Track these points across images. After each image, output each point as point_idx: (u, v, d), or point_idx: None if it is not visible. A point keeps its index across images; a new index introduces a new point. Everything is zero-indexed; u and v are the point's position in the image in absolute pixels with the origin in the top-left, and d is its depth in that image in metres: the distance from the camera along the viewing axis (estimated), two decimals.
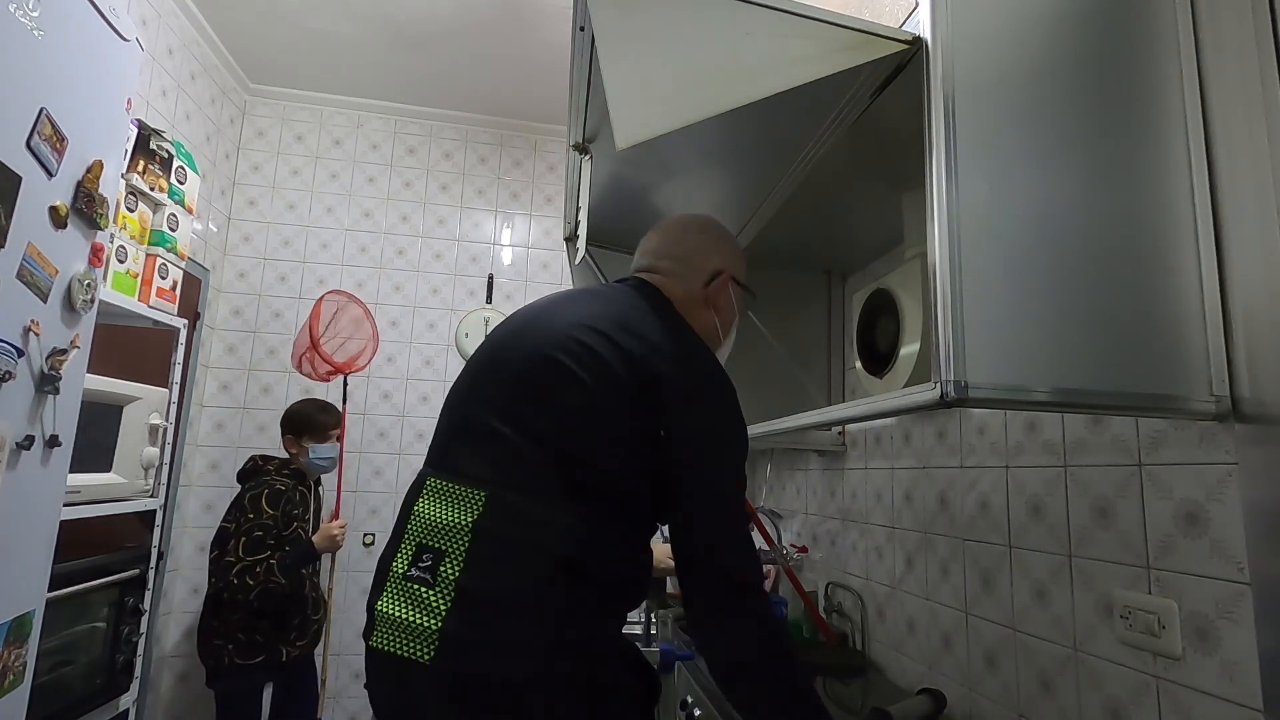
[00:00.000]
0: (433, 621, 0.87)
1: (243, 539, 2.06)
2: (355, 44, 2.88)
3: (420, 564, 0.91)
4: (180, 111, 2.67)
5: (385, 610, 0.91)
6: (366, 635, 0.94)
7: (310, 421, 2.32)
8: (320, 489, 2.49)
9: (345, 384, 2.74)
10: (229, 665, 2.05)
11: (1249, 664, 0.84)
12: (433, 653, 0.86)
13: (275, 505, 2.14)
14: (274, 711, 2.23)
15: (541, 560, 0.89)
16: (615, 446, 0.94)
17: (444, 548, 0.91)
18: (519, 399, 0.97)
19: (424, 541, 0.93)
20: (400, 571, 0.93)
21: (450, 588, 0.88)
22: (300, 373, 2.67)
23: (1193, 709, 0.91)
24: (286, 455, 2.34)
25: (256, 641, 2.09)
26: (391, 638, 0.89)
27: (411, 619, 0.88)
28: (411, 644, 0.87)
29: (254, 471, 2.27)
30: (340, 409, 2.51)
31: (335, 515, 2.47)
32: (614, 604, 0.97)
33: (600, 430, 0.94)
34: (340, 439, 2.41)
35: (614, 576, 0.95)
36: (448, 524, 0.92)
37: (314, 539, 2.21)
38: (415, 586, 0.90)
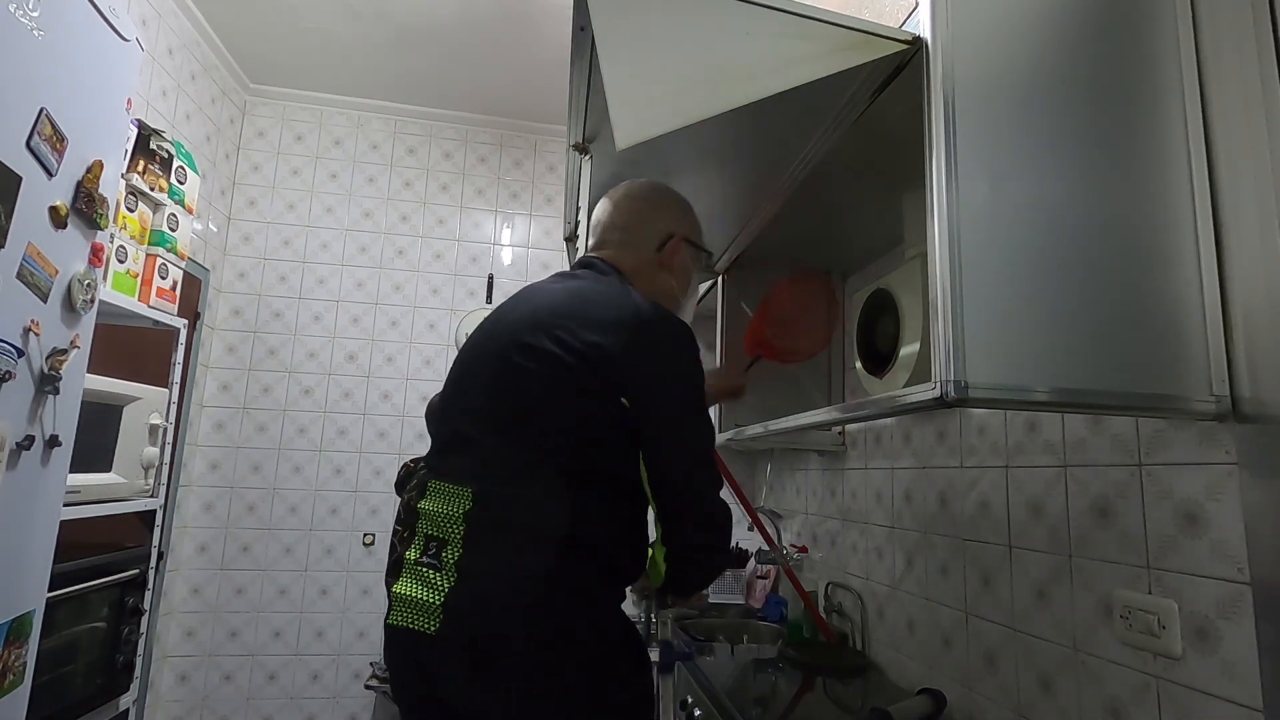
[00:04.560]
0: (437, 597, 0.96)
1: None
2: (355, 44, 2.88)
3: (428, 552, 1.01)
4: (180, 111, 2.67)
5: (400, 592, 1.01)
6: (387, 617, 1.04)
7: None
8: None
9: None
10: None
11: (1249, 664, 0.84)
12: (438, 624, 0.95)
13: None
14: None
15: (532, 538, 0.97)
16: (579, 427, 1.00)
17: (445, 536, 1.00)
18: (488, 403, 1.05)
19: (430, 533, 1.03)
20: (413, 559, 1.03)
21: (451, 569, 0.97)
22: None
23: (1193, 709, 0.91)
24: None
25: None
26: (405, 614, 0.99)
27: (420, 596, 0.97)
28: (421, 618, 0.97)
29: (410, 474, 2.17)
30: None
31: None
32: (607, 577, 1.04)
33: (560, 415, 1.00)
34: None
35: (607, 551, 1.02)
36: (446, 516, 1.01)
37: None
38: (424, 570, 1.00)
